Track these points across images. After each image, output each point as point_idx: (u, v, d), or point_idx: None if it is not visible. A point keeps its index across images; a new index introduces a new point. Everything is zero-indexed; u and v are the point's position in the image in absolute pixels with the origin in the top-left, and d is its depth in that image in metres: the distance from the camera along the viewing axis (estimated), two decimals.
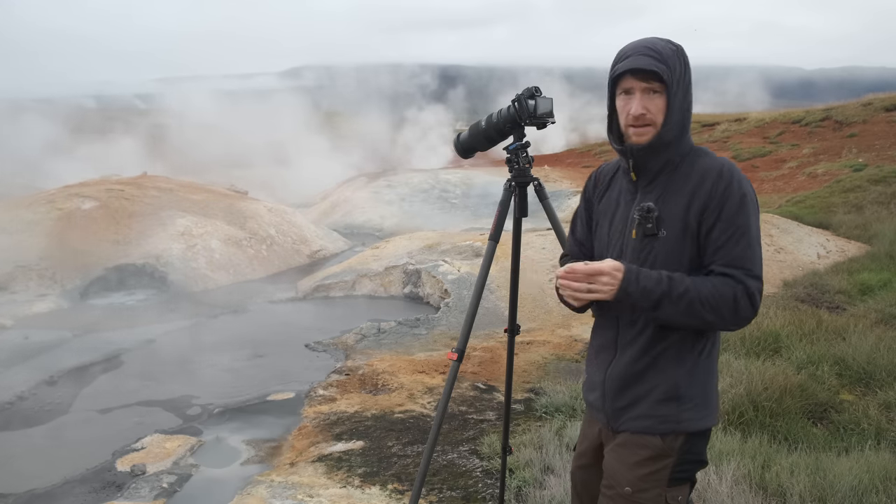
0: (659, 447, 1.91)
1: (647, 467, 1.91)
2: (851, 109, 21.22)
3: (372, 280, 9.42)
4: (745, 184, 1.84)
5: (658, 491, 1.90)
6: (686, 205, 1.85)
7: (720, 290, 1.77)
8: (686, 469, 1.93)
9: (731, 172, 1.84)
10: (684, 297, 1.77)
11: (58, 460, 4.61)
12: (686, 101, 1.88)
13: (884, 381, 4.88)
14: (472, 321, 2.70)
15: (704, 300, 1.77)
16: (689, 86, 1.89)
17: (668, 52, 1.85)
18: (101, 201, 11.43)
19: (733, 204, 1.80)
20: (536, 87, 2.59)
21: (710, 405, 1.94)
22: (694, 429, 1.91)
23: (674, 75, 1.84)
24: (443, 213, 16.82)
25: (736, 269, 1.79)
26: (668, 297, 1.78)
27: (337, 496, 3.74)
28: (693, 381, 1.91)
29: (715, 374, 1.97)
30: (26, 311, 8.57)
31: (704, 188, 1.83)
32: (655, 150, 1.88)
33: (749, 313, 1.79)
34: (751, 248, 1.80)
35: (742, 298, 1.77)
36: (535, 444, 4.06)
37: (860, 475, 3.33)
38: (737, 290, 1.77)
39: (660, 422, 1.91)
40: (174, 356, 6.87)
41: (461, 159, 3.03)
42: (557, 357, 6.20)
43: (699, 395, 1.91)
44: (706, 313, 1.78)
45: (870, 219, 11.89)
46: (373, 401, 5.21)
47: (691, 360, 1.90)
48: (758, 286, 1.79)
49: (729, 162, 1.88)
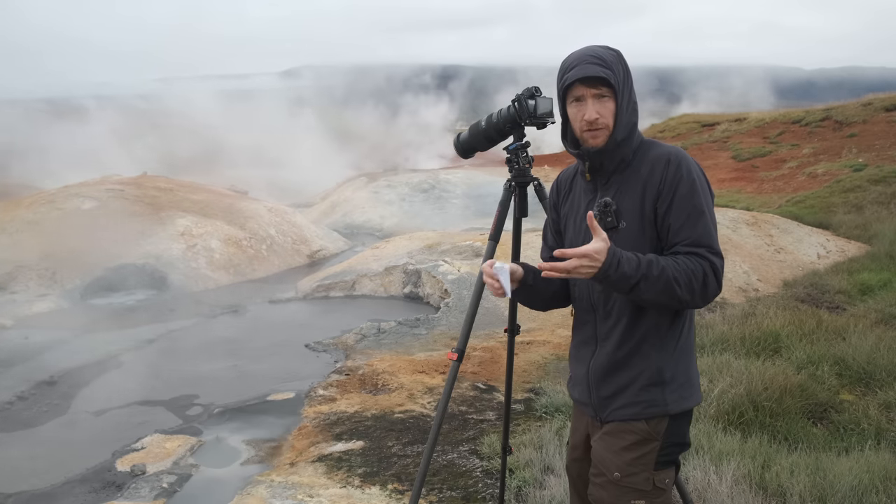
0: (645, 431, 1.97)
1: (634, 452, 1.97)
2: (851, 109, 21.21)
3: (372, 280, 9.42)
4: (693, 168, 1.94)
5: (646, 475, 1.96)
6: (641, 195, 1.95)
7: (691, 267, 1.86)
8: (671, 452, 2.00)
9: (678, 158, 1.94)
10: (661, 277, 1.85)
11: (58, 460, 4.60)
12: (632, 102, 2.00)
13: (884, 381, 4.88)
14: (472, 321, 2.70)
15: (679, 278, 1.85)
16: (632, 87, 2.00)
17: (611, 58, 1.96)
18: (101, 201, 11.43)
19: (685, 187, 1.90)
20: (536, 87, 2.59)
21: (693, 384, 2.03)
22: (679, 409, 1.98)
23: (619, 79, 1.95)
24: (443, 213, 16.81)
25: (700, 247, 1.88)
26: (646, 279, 1.85)
27: (337, 496, 3.74)
28: (676, 363, 2.00)
29: (693, 352, 2.06)
30: (26, 311, 8.57)
31: (655, 177, 1.94)
32: (610, 150, 1.98)
33: (715, 289, 1.88)
34: (709, 227, 1.90)
35: (710, 274, 1.86)
36: (535, 444, 4.06)
37: (860, 475, 3.33)
38: (705, 266, 1.86)
39: (646, 406, 1.98)
40: (174, 356, 6.87)
41: (461, 159, 3.02)
42: (557, 357, 6.20)
43: (682, 375, 2.00)
44: (681, 291, 1.85)
45: (870, 219, 11.90)
46: (373, 401, 5.21)
47: (671, 342, 1.99)
48: (721, 262, 1.90)
49: (677, 149, 1.98)
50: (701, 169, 1.98)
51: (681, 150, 1.97)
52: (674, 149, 1.98)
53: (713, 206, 1.96)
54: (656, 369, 1.97)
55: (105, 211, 11.15)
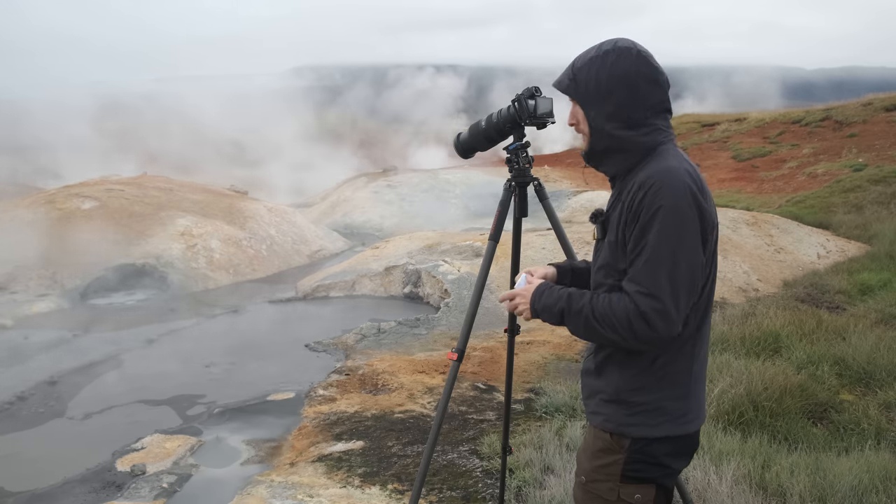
0: (609, 442, 1.92)
1: (600, 459, 1.93)
2: (851, 109, 21.21)
3: (372, 280, 9.42)
4: (662, 196, 1.73)
5: (611, 485, 1.91)
6: (620, 212, 1.85)
7: (614, 307, 1.77)
8: (640, 469, 1.88)
9: (655, 181, 1.76)
10: (581, 314, 1.82)
11: (58, 460, 4.60)
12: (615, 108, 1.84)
13: (884, 381, 4.88)
14: (472, 321, 2.70)
15: (599, 317, 1.79)
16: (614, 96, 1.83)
17: (584, 62, 1.87)
18: (101, 201, 11.43)
19: (644, 218, 1.75)
20: (536, 87, 2.58)
21: (665, 414, 1.88)
22: (641, 435, 1.87)
23: (579, 87, 1.87)
24: (443, 213, 16.81)
25: (631, 284, 1.76)
26: (568, 313, 1.86)
27: (337, 496, 3.74)
28: (638, 389, 1.88)
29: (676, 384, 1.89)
30: (26, 311, 8.57)
31: (628, 199, 1.81)
32: (591, 156, 1.94)
33: (648, 333, 1.73)
34: (650, 266, 1.73)
35: (635, 318, 1.73)
36: (535, 444, 4.05)
37: (860, 475, 3.33)
38: (629, 308, 1.74)
39: (605, 420, 1.93)
40: (174, 356, 6.87)
41: (461, 159, 3.02)
42: (557, 357, 6.20)
43: (648, 403, 1.87)
44: (604, 331, 1.79)
45: (870, 219, 11.90)
46: (373, 401, 5.21)
47: (636, 366, 1.87)
48: (652, 305, 1.71)
49: (662, 172, 1.77)
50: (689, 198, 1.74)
51: (666, 175, 1.76)
52: (659, 173, 1.77)
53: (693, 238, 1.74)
54: (615, 389, 1.91)
55: (105, 211, 11.15)
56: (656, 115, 1.87)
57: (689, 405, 1.92)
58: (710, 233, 1.81)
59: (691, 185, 1.76)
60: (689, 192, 1.74)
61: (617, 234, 1.84)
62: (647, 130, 1.85)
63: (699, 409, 1.96)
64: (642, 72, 1.83)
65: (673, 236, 1.72)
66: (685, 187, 1.75)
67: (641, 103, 1.84)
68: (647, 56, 1.86)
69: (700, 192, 1.77)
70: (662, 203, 1.73)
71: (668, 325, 1.73)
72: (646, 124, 1.85)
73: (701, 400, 1.98)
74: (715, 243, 1.86)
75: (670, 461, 1.91)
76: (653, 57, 1.87)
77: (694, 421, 1.93)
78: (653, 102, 1.85)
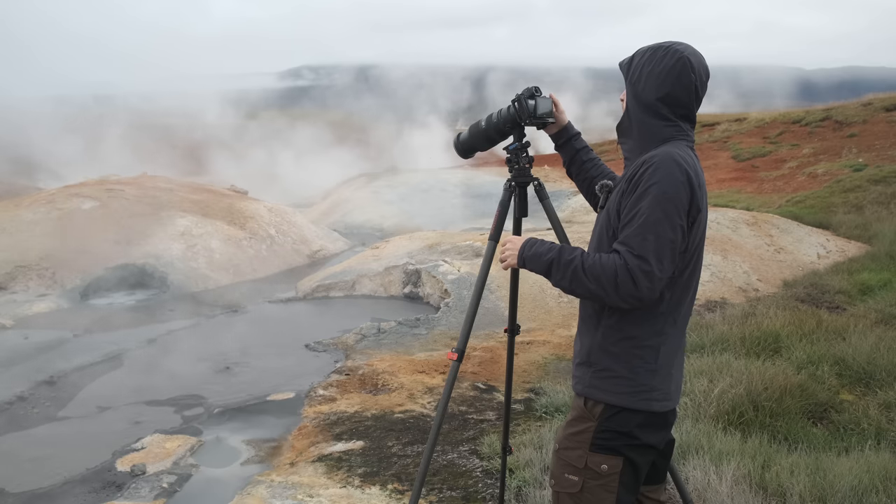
0: (581, 409, 2.04)
1: (572, 427, 2.05)
2: (851, 109, 21.20)
3: (372, 280, 9.42)
4: (660, 173, 1.90)
5: (580, 452, 2.00)
6: (619, 189, 2.03)
7: (603, 262, 1.91)
8: (609, 438, 1.97)
9: (654, 161, 1.93)
10: (570, 265, 1.95)
11: (58, 460, 4.60)
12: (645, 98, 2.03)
13: (884, 381, 4.88)
14: (472, 321, 2.70)
15: (587, 269, 1.92)
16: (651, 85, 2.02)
17: (642, 52, 2.08)
18: (101, 201, 11.43)
19: (638, 192, 1.92)
20: (536, 86, 2.58)
21: (635, 386, 1.98)
22: (607, 400, 1.99)
23: (631, 70, 2.08)
24: (443, 213, 16.81)
25: (622, 245, 1.90)
26: (557, 263, 1.99)
27: (337, 496, 3.74)
28: (604, 353, 2.02)
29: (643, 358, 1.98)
30: (26, 311, 8.57)
31: (629, 174, 2.00)
32: (619, 131, 2.14)
33: (631, 290, 1.87)
34: (641, 231, 1.88)
35: (622, 273, 1.87)
36: (535, 444, 4.05)
37: (860, 475, 3.33)
38: (618, 264, 1.88)
39: (576, 381, 2.10)
40: (174, 356, 6.87)
41: (461, 159, 3.02)
42: (557, 357, 6.20)
43: (614, 367, 2.00)
44: (589, 283, 1.92)
45: (870, 219, 11.90)
46: (373, 401, 5.21)
47: (605, 330, 2.02)
48: (640, 265, 1.86)
49: (664, 154, 1.95)
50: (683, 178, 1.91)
51: (665, 158, 1.93)
52: (659, 154, 1.95)
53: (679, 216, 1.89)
54: (586, 350, 2.07)
55: (105, 211, 11.15)
56: (677, 116, 2.04)
57: (656, 382, 2.00)
58: (697, 216, 1.96)
59: (687, 169, 1.94)
60: (684, 174, 1.92)
61: (615, 203, 2.01)
62: (666, 125, 2.03)
63: (668, 389, 2.03)
64: (679, 74, 1.99)
65: (663, 210, 1.88)
66: (682, 170, 1.93)
67: (666, 100, 2.01)
68: (691, 63, 2.00)
69: (695, 177, 1.95)
70: (659, 179, 1.90)
71: (652, 284, 1.87)
72: (665, 118, 2.03)
73: (673, 380, 2.05)
74: (703, 231, 2.02)
75: (640, 433, 1.98)
76: (698, 68, 2.01)
77: (662, 401, 2.01)
78: (677, 104, 2.02)
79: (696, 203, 1.94)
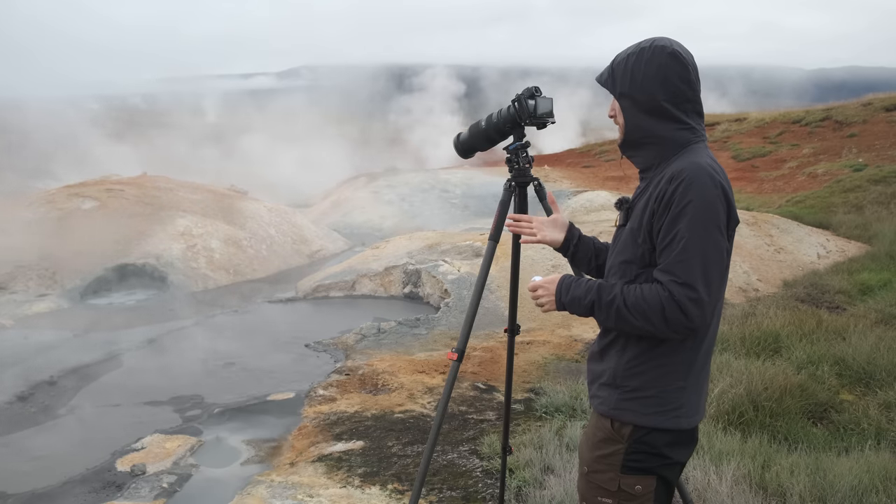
0: (609, 431, 1.95)
1: (601, 449, 1.96)
2: (851, 109, 21.21)
3: (372, 280, 9.42)
4: (694, 190, 1.79)
5: (611, 475, 1.93)
6: (646, 203, 1.90)
7: (647, 297, 1.80)
8: (640, 459, 1.90)
9: (685, 176, 1.81)
10: (612, 305, 1.86)
11: (58, 460, 4.60)
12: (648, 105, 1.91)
13: (884, 381, 4.88)
14: (472, 321, 2.70)
15: (631, 307, 1.82)
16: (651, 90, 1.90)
17: (622, 58, 1.95)
18: (101, 201, 11.44)
19: (675, 211, 1.80)
20: (536, 87, 2.58)
21: (665, 404, 1.90)
22: (637, 422, 1.90)
23: (617, 82, 1.94)
24: (443, 213, 16.81)
25: (665, 274, 1.80)
26: (598, 305, 1.89)
27: (337, 496, 3.74)
28: (635, 372, 1.92)
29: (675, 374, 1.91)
30: (26, 311, 8.57)
31: (658, 191, 1.86)
32: (625, 148, 2.01)
33: (682, 321, 1.77)
34: (683, 255, 1.77)
35: (669, 305, 1.77)
36: (535, 444, 4.06)
37: (860, 475, 3.33)
38: (662, 296, 1.78)
39: (601, 403, 1.98)
40: (174, 356, 6.87)
41: (461, 159, 3.02)
42: (557, 357, 6.20)
43: (645, 388, 1.91)
44: (636, 320, 1.82)
45: (870, 219, 11.90)
46: (373, 401, 5.21)
47: (637, 351, 1.92)
48: (688, 294, 1.76)
49: (693, 167, 1.83)
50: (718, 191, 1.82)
51: (696, 171, 1.82)
52: (692, 166, 1.83)
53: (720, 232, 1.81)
54: (612, 372, 1.96)
55: (105, 211, 11.16)
56: (687, 113, 1.93)
57: (685, 399, 1.92)
58: (734, 228, 1.87)
59: (721, 181, 1.83)
60: (719, 187, 1.82)
61: (641, 222, 1.89)
62: (678, 126, 1.92)
63: (697, 404, 1.96)
64: (675, 69, 1.90)
65: (704, 228, 1.78)
66: (716, 183, 1.82)
67: (673, 99, 1.91)
68: (681, 56, 1.91)
69: (728, 187, 1.86)
70: (694, 197, 1.79)
71: (702, 312, 1.77)
72: (677, 120, 1.92)
73: (701, 395, 1.98)
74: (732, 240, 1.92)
75: (670, 452, 1.92)
76: (688, 58, 1.93)
77: (690, 417, 1.93)
78: (684, 100, 1.92)
79: (733, 216, 1.85)
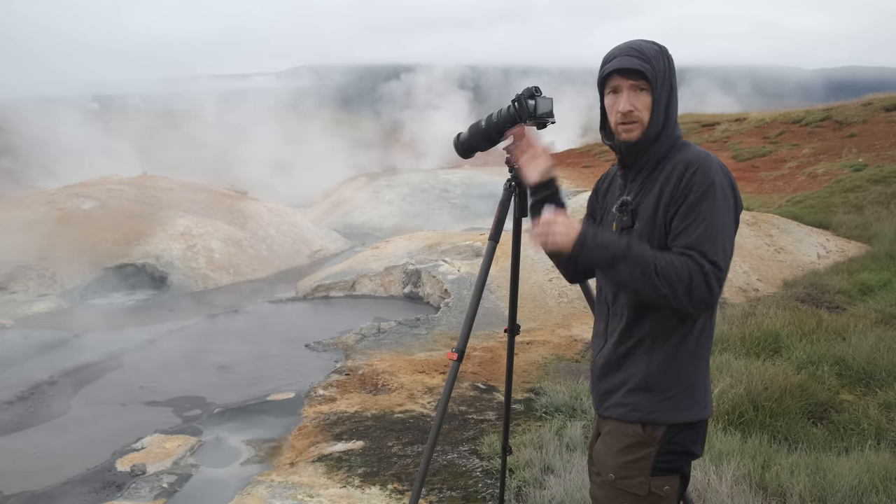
0: (640, 435, 1.93)
1: (629, 455, 1.93)
2: (851, 109, 21.21)
3: (372, 280, 9.42)
4: (714, 173, 1.85)
5: (642, 479, 1.92)
6: (657, 197, 1.91)
7: (676, 264, 1.79)
8: (671, 460, 1.92)
9: (700, 163, 1.87)
10: (641, 261, 1.80)
11: (58, 460, 4.60)
12: (672, 100, 1.98)
13: (884, 381, 4.88)
14: (472, 321, 2.70)
15: (660, 269, 1.79)
16: (672, 84, 1.98)
17: (653, 52, 1.95)
18: (101, 201, 11.44)
19: (697, 192, 1.84)
20: (536, 86, 2.58)
21: (695, 395, 1.93)
22: (673, 420, 1.91)
23: (657, 74, 1.93)
24: (443, 213, 16.82)
25: (693, 250, 1.80)
26: (625, 257, 1.82)
27: (337, 496, 3.74)
28: (667, 372, 1.92)
29: (704, 363, 1.97)
30: (26, 311, 8.57)
31: (673, 180, 1.89)
32: (643, 145, 1.97)
33: (705, 295, 1.78)
34: (709, 234, 1.81)
35: (697, 278, 1.77)
36: (535, 444, 4.06)
37: (860, 475, 3.33)
38: (692, 268, 1.78)
39: (631, 410, 1.95)
40: (174, 356, 6.87)
41: (461, 159, 3.02)
42: (557, 357, 6.20)
43: (677, 385, 1.92)
44: (660, 283, 1.79)
45: (870, 219, 11.90)
46: (373, 401, 5.21)
47: (667, 349, 1.92)
48: (715, 272, 1.78)
49: (705, 155, 1.91)
50: (728, 179, 1.90)
51: (708, 158, 1.89)
52: (703, 154, 1.90)
53: (733, 218, 1.89)
54: (643, 376, 1.94)
55: (105, 211, 11.16)
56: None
57: (707, 386, 2.00)
58: (739, 214, 1.94)
59: (728, 172, 1.92)
60: (728, 175, 1.91)
61: (655, 221, 1.90)
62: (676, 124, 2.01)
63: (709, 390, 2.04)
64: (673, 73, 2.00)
65: (723, 212, 1.85)
66: (725, 171, 1.90)
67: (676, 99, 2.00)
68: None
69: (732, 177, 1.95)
70: (713, 181, 1.85)
71: (720, 290, 1.81)
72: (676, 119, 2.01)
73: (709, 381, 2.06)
74: None
75: (695, 448, 1.97)
76: None
77: (710, 404, 2.01)
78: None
79: (739, 202, 1.93)
